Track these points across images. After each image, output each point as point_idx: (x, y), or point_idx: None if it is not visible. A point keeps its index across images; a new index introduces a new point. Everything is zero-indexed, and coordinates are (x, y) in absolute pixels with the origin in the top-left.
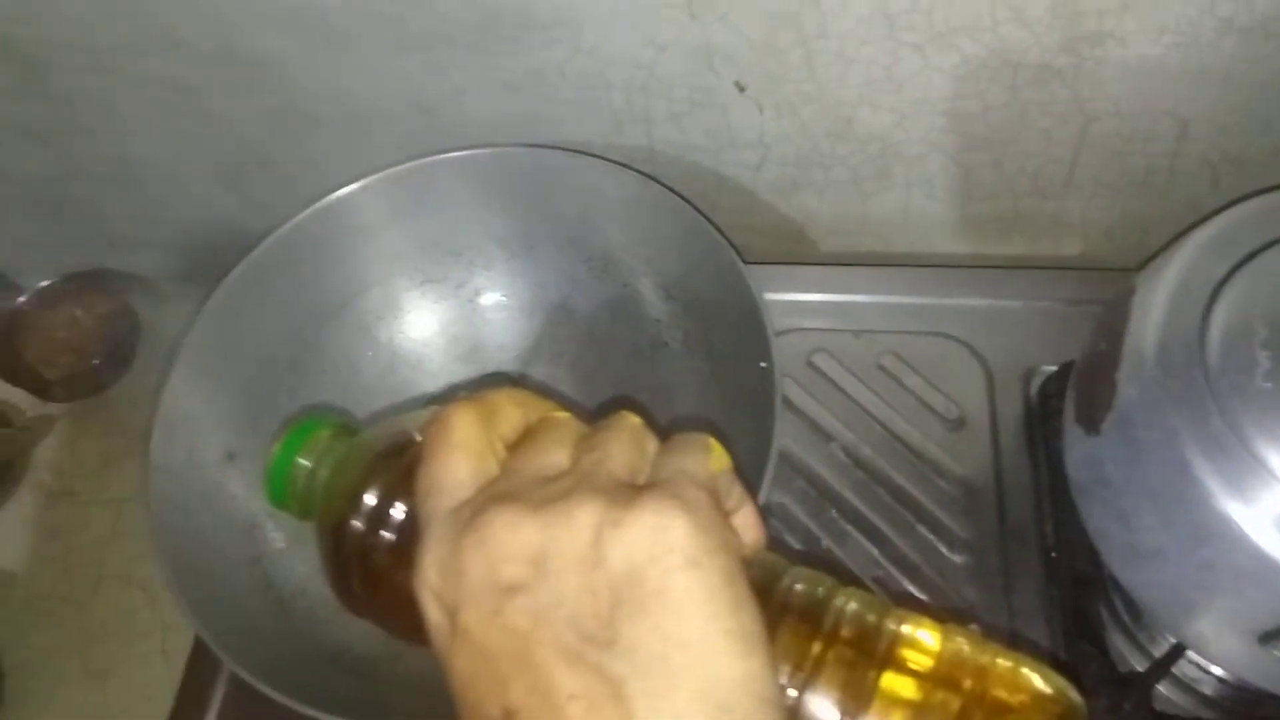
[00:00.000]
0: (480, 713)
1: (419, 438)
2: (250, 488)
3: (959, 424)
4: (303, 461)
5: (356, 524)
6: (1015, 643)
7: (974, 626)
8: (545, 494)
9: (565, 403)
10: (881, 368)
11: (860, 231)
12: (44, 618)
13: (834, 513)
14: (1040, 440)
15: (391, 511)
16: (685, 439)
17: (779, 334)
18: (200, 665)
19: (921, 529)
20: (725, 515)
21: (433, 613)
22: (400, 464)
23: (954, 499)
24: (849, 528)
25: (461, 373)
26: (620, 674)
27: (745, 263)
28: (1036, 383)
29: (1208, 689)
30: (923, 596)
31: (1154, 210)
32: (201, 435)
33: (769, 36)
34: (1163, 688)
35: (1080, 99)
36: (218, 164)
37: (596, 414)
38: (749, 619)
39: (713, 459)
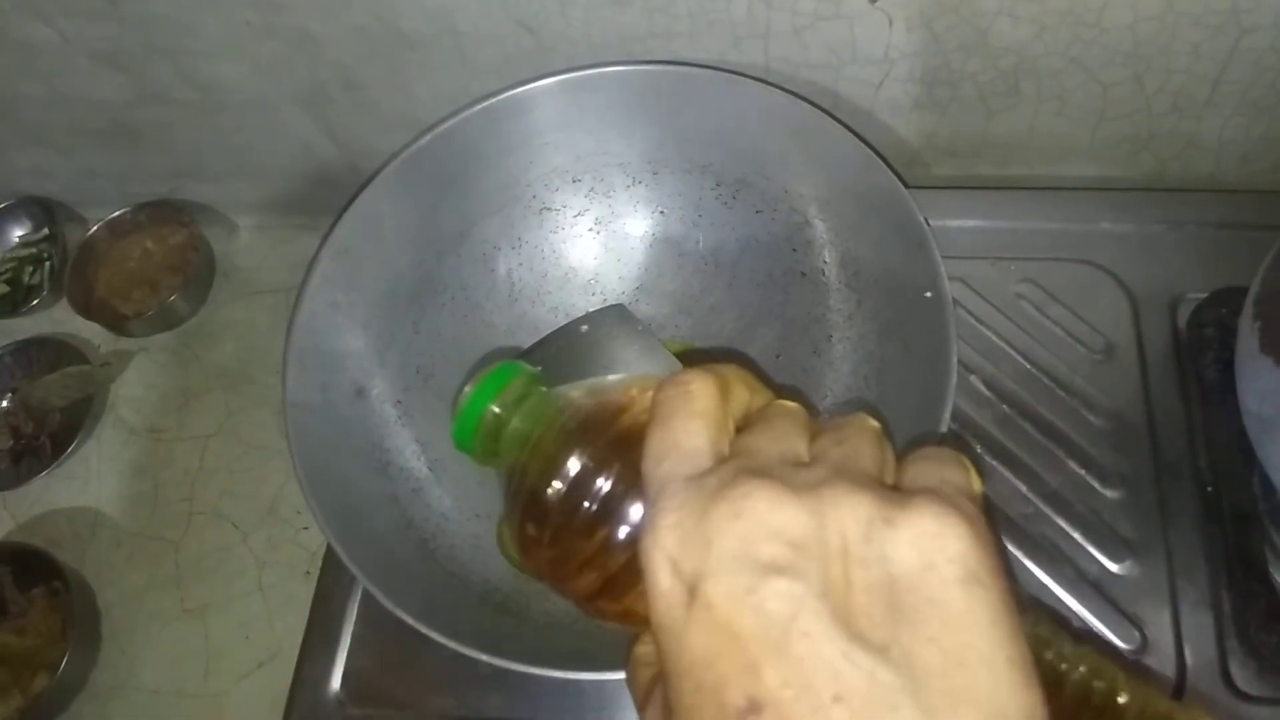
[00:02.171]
0: (718, 696)
1: (632, 402)
2: (381, 424)
3: (1105, 354)
4: (495, 408)
5: (557, 485)
6: None
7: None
8: (803, 478)
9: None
10: (1020, 296)
11: (978, 154)
12: (136, 556)
13: (978, 448)
14: (1192, 371)
15: (598, 480)
16: (938, 451)
17: None
18: (326, 604)
19: (1072, 464)
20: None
21: (663, 579)
22: (609, 430)
23: (1104, 432)
24: (995, 464)
25: (582, 305)
26: (893, 683)
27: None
28: (1184, 310)
29: None
30: (1075, 534)
31: None
32: (331, 372)
33: None
34: None
35: (1239, 9)
36: (301, 88)
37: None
38: (1027, 651)
39: (973, 478)
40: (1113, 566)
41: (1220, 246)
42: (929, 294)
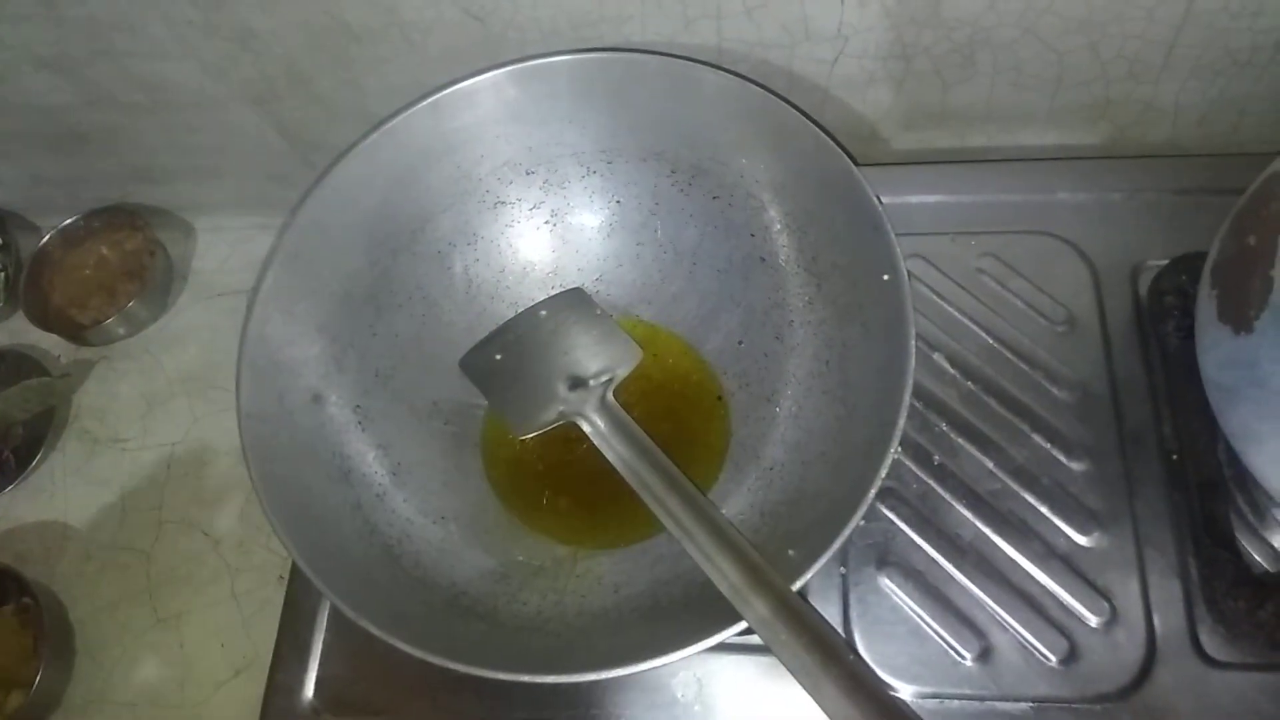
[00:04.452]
0: None
1: None
2: (340, 430)
3: (1067, 326)
4: None
5: None
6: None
7: None
8: None
9: None
10: (981, 271)
11: (937, 126)
12: (107, 568)
13: (943, 426)
14: (1153, 339)
15: None
16: None
17: None
18: (297, 612)
19: (1037, 437)
20: None
21: None
22: None
23: (1068, 404)
24: (960, 440)
25: (541, 299)
26: None
27: (858, 165)
28: (1146, 279)
29: None
30: (1043, 508)
31: (1253, 93)
32: (286, 379)
33: None
34: None
35: None
36: (248, 86)
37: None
38: None
39: None
40: (1080, 539)
41: (1179, 212)
42: (886, 276)
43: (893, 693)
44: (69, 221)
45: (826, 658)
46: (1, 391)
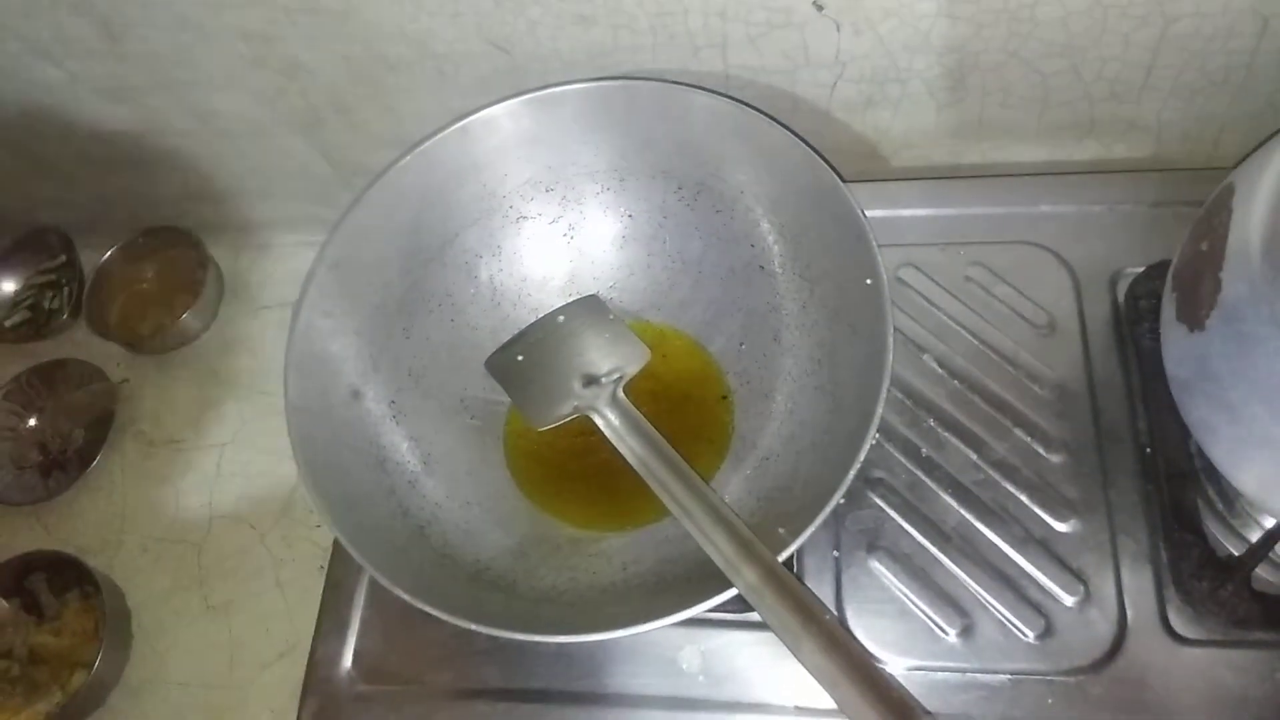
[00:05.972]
0: None
1: None
2: (377, 423)
3: (1049, 329)
4: None
5: None
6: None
7: None
8: None
9: None
10: (969, 278)
11: (932, 144)
12: (162, 558)
13: (931, 421)
14: (1130, 340)
15: None
16: None
17: None
18: (336, 592)
19: (1018, 432)
20: None
21: None
22: None
23: (1048, 402)
24: (947, 435)
25: (559, 305)
26: None
27: (845, 182)
28: (1123, 285)
29: None
30: (1023, 497)
31: (1231, 110)
32: (328, 377)
33: None
34: (1261, 570)
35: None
36: (295, 114)
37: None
38: None
39: None
40: (1058, 526)
41: (1157, 223)
42: (869, 281)
43: (864, 649)
44: (128, 239)
45: (806, 619)
46: (66, 397)
